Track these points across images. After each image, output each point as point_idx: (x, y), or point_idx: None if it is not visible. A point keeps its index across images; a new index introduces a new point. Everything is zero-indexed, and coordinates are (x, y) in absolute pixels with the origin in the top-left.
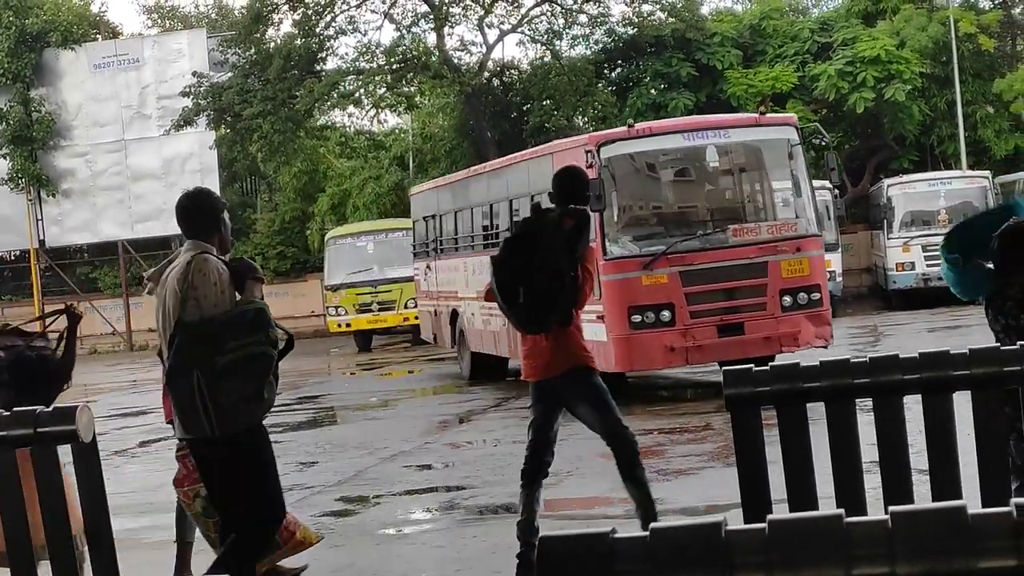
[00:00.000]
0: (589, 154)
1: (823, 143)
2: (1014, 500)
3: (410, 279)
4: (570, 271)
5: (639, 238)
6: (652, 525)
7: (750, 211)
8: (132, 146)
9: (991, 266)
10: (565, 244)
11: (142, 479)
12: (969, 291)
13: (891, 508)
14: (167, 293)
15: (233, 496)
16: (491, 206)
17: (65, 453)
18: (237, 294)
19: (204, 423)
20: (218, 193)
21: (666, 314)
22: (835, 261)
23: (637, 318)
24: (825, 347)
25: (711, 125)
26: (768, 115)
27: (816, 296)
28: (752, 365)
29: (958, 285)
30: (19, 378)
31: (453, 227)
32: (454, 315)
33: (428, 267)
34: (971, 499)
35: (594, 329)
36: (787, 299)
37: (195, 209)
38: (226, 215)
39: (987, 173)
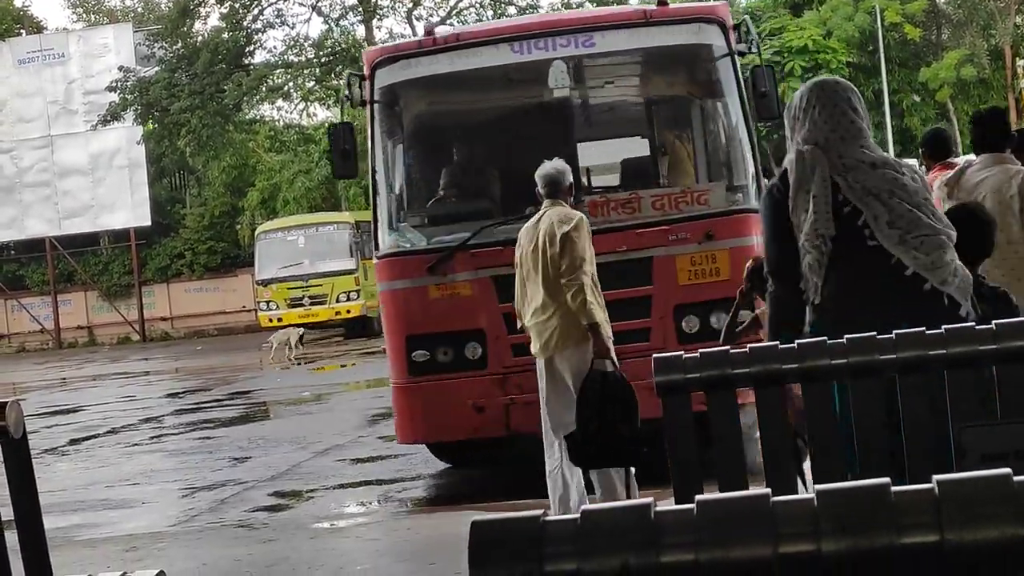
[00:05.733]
0: (361, 82)
1: (750, 50)
2: (936, 478)
3: (342, 273)
4: None
5: (434, 221)
6: (583, 507)
7: (627, 172)
8: (58, 142)
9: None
10: None
11: (73, 477)
12: None
13: (816, 487)
14: None
15: None
16: None
17: None
18: None
19: None
20: (145, 188)
21: (473, 349)
22: None
23: (421, 355)
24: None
25: (561, 26)
26: (672, 6)
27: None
28: (681, 352)
29: None
30: None
31: None
32: None
33: None
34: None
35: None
36: (690, 322)
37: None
38: None
39: (914, 162)
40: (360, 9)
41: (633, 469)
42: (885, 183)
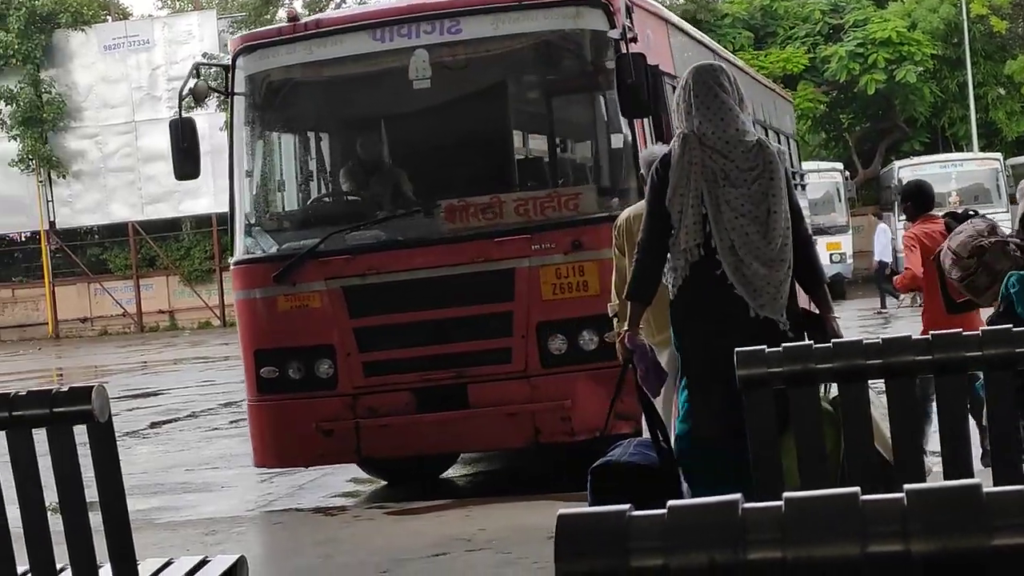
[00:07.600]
0: (227, 74)
1: (624, 35)
2: None
3: None
4: None
5: (289, 227)
6: (669, 503)
7: (495, 171)
8: (142, 127)
9: None
10: None
11: (154, 460)
12: None
13: (906, 486)
14: None
15: None
16: None
17: (80, 434)
18: None
19: None
20: (227, 175)
21: (324, 366)
22: (846, 243)
23: (269, 372)
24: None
25: (426, 11)
26: None
27: (612, 336)
28: (764, 346)
29: None
30: None
31: None
32: None
33: None
34: (983, 477)
35: None
36: (555, 342)
37: None
38: None
39: (998, 155)
40: None
41: None
42: (745, 205)
